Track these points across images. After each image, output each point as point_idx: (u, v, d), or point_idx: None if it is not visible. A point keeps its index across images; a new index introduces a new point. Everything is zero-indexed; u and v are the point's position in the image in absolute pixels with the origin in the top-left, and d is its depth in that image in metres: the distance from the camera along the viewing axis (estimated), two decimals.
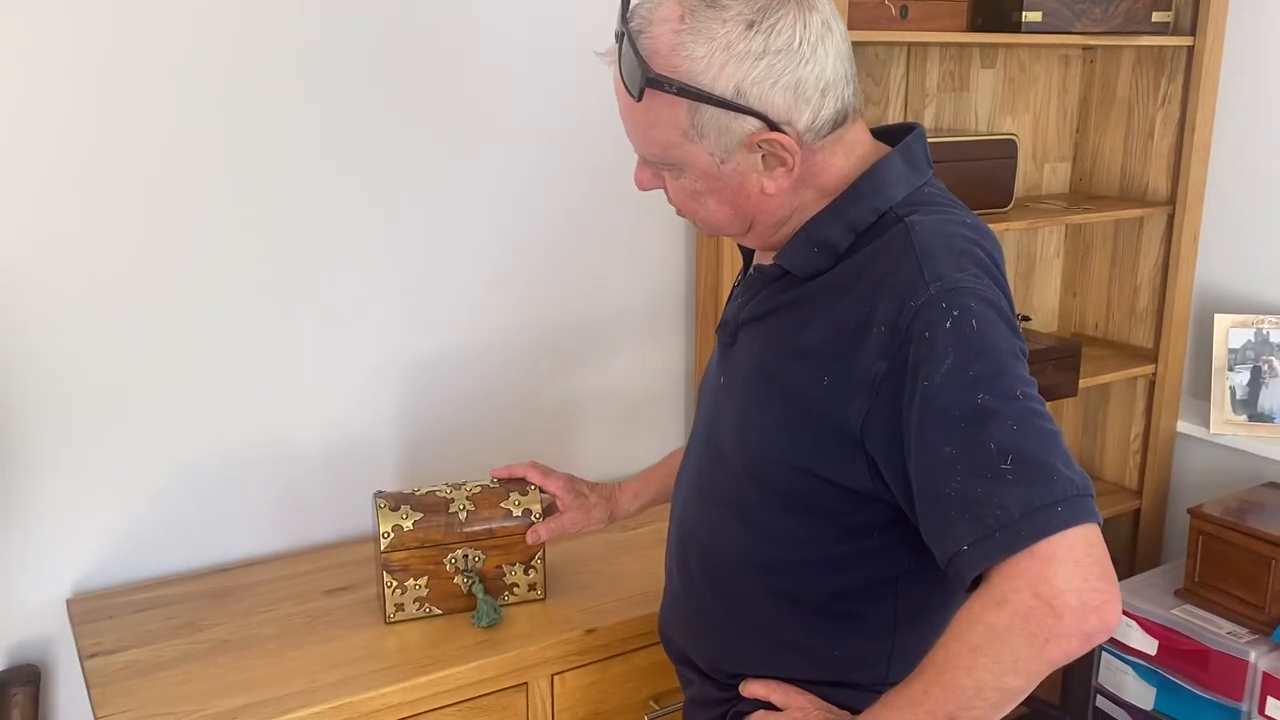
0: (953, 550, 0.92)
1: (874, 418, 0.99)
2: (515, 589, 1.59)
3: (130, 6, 1.54)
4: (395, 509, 1.52)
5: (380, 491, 1.57)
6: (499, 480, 1.59)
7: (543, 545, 1.58)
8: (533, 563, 1.59)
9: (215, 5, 1.60)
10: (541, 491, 1.57)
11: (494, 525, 1.55)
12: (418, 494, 1.56)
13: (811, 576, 1.11)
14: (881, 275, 1.01)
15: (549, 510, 1.58)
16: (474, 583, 1.54)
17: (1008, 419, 0.92)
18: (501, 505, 1.55)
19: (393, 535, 1.50)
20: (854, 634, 1.13)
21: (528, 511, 1.56)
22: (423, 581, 1.54)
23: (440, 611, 1.56)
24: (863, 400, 0.99)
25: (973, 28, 2.11)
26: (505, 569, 1.57)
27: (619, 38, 1.04)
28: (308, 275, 1.75)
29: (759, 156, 1.04)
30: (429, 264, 1.84)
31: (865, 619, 1.12)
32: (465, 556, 1.54)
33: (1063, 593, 0.87)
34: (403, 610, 1.54)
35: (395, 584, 1.52)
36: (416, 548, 1.52)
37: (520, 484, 1.58)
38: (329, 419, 1.82)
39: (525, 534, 1.55)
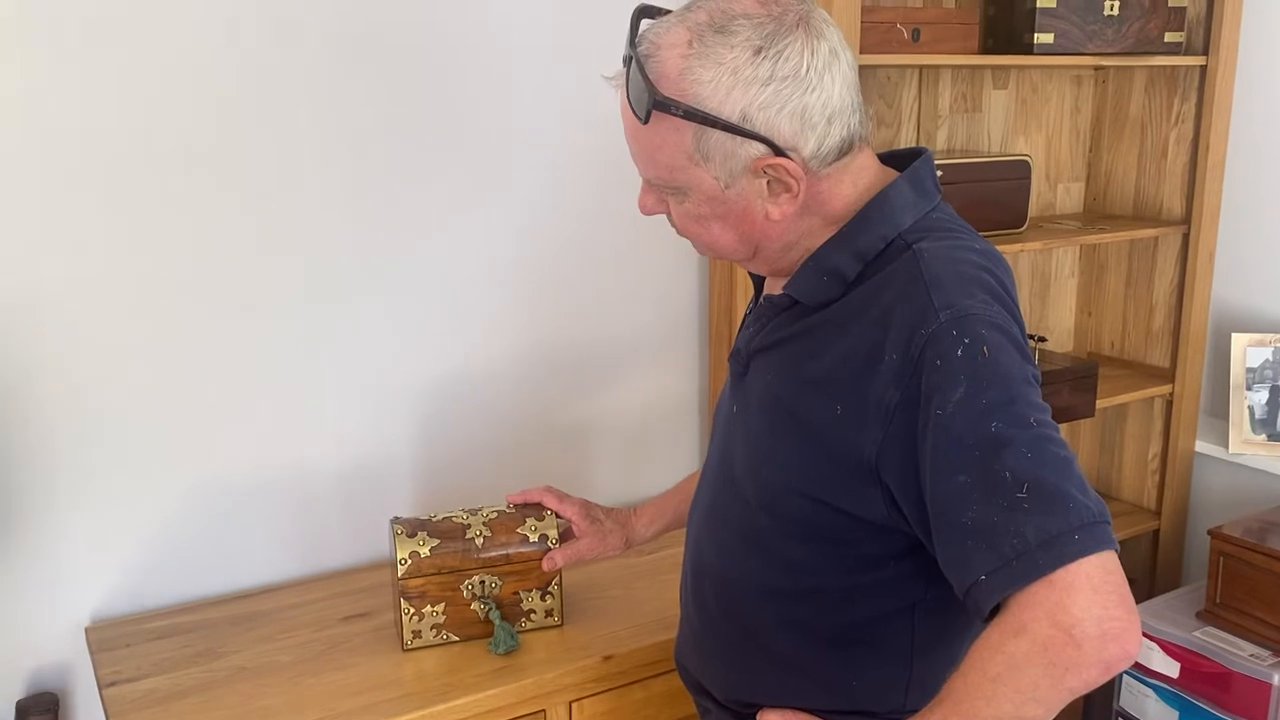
0: (970, 580, 0.92)
1: (889, 447, 0.99)
2: (532, 615, 1.59)
3: (147, 36, 1.56)
4: (412, 535, 1.52)
5: (397, 518, 1.57)
6: (515, 505, 1.59)
7: (559, 571, 1.58)
8: (550, 589, 1.58)
9: (228, 29, 1.61)
10: (557, 517, 1.57)
11: (511, 551, 1.55)
12: (434, 520, 1.56)
13: (826, 606, 1.11)
14: (891, 303, 1.01)
15: (565, 536, 1.58)
16: (491, 609, 1.54)
17: (1022, 446, 0.91)
18: (518, 531, 1.55)
19: (410, 562, 1.51)
20: (870, 663, 1.12)
21: (544, 537, 1.55)
22: (440, 608, 1.54)
23: (457, 638, 1.55)
24: (877, 429, 0.99)
25: (985, 50, 2.12)
26: (522, 595, 1.57)
27: (627, 62, 1.05)
28: (321, 301, 1.76)
29: (764, 182, 1.04)
30: (443, 288, 1.85)
31: (881, 648, 1.11)
32: (482, 583, 1.54)
33: (1082, 621, 0.86)
34: (420, 637, 1.54)
35: (412, 611, 1.52)
36: (434, 574, 1.52)
37: (536, 509, 1.58)
38: (344, 444, 1.82)
39: (541, 560, 1.55)
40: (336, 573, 1.82)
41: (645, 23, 1.06)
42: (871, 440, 1.00)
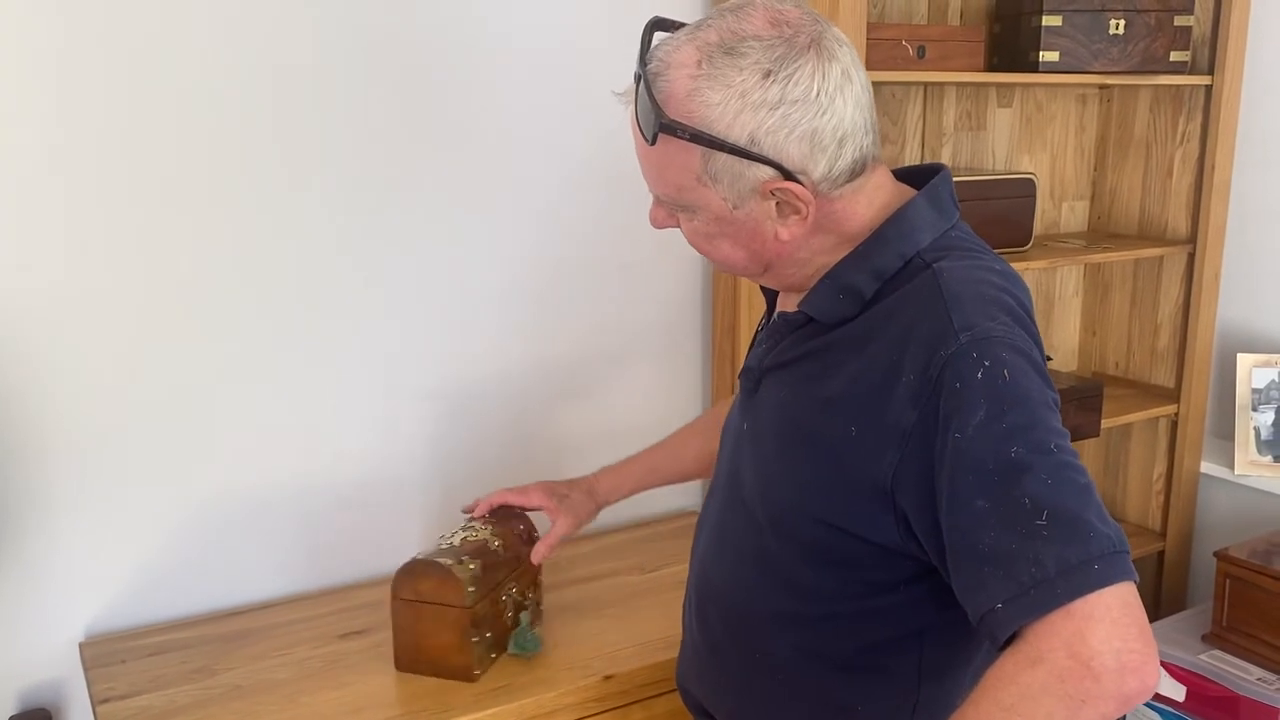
0: (985, 608, 0.90)
1: (905, 470, 0.97)
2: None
3: (152, 44, 1.56)
4: (459, 562, 1.48)
5: (434, 555, 1.49)
6: (475, 515, 1.58)
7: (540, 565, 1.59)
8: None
9: (236, 37, 1.61)
10: (525, 511, 1.59)
11: (520, 554, 1.57)
12: (461, 545, 1.52)
13: (834, 630, 1.09)
14: (910, 323, 0.99)
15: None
16: (522, 611, 1.55)
17: (1042, 473, 0.90)
18: (514, 534, 1.57)
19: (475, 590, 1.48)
20: (878, 688, 1.10)
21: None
22: (489, 625, 1.51)
23: (497, 652, 1.55)
24: (893, 451, 0.97)
25: (990, 67, 2.11)
26: (529, 596, 1.60)
27: (637, 79, 1.03)
28: (321, 314, 1.75)
29: (773, 204, 1.02)
30: (444, 303, 1.84)
31: (890, 673, 1.09)
32: (512, 590, 1.55)
33: (1100, 654, 0.85)
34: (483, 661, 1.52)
35: (478, 637, 1.48)
36: (490, 593, 1.51)
37: (507, 512, 1.58)
38: (343, 459, 1.81)
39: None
40: (334, 589, 1.80)
41: (658, 36, 1.04)
42: (887, 463, 0.98)
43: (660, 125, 1.00)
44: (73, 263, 1.56)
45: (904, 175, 1.11)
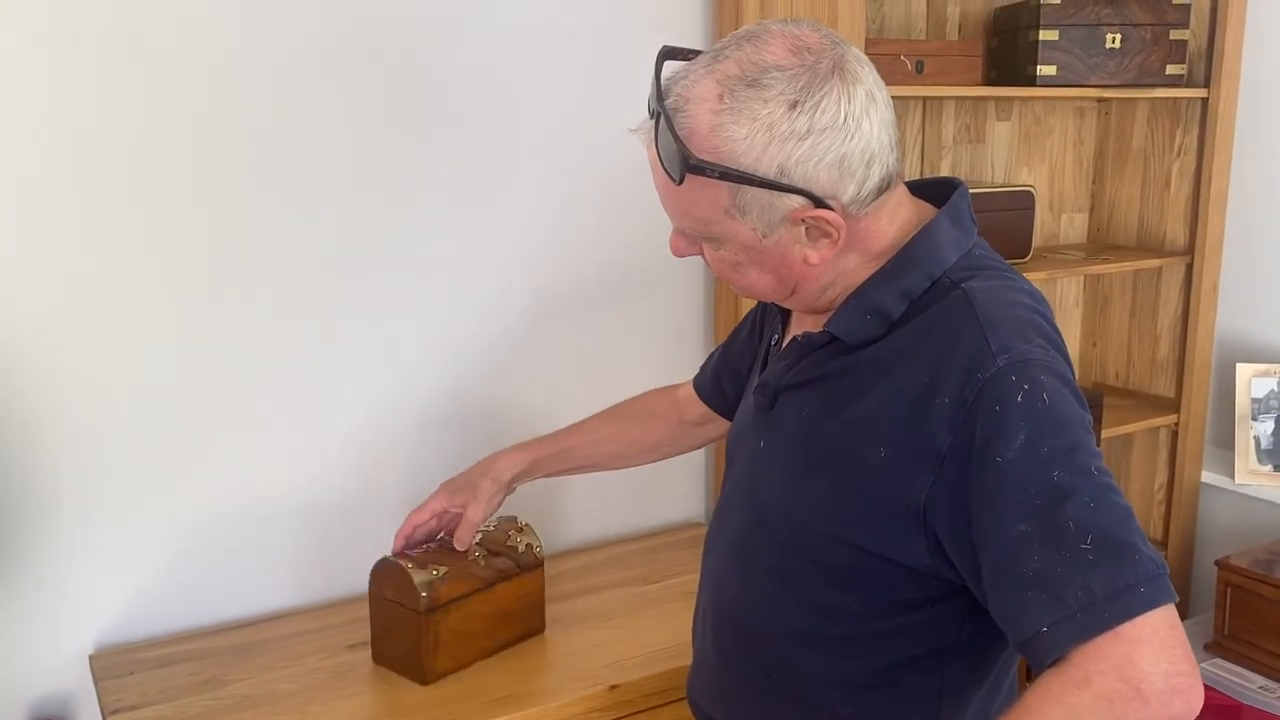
0: (1030, 631, 0.89)
1: (939, 492, 0.96)
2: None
3: (154, 42, 1.58)
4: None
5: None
6: (396, 552, 1.55)
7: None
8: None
9: (239, 47, 1.63)
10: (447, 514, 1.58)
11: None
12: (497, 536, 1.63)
13: (856, 650, 1.08)
14: (943, 345, 0.98)
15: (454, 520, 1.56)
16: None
17: (1085, 496, 0.90)
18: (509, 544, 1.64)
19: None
20: (899, 707, 1.09)
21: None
22: None
23: None
24: (926, 474, 0.97)
25: (988, 81, 2.13)
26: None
27: (654, 114, 1.01)
28: (330, 328, 1.77)
29: (802, 229, 1.01)
30: (451, 310, 1.86)
31: (911, 691, 1.08)
32: None
33: (1150, 676, 0.85)
34: None
35: None
36: None
37: (452, 528, 1.58)
38: (350, 470, 1.82)
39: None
40: (342, 600, 1.81)
41: (670, 67, 1.03)
42: (920, 485, 0.97)
43: (688, 166, 0.97)
44: (75, 278, 1.58)
45: (914, 188, 1.11)
